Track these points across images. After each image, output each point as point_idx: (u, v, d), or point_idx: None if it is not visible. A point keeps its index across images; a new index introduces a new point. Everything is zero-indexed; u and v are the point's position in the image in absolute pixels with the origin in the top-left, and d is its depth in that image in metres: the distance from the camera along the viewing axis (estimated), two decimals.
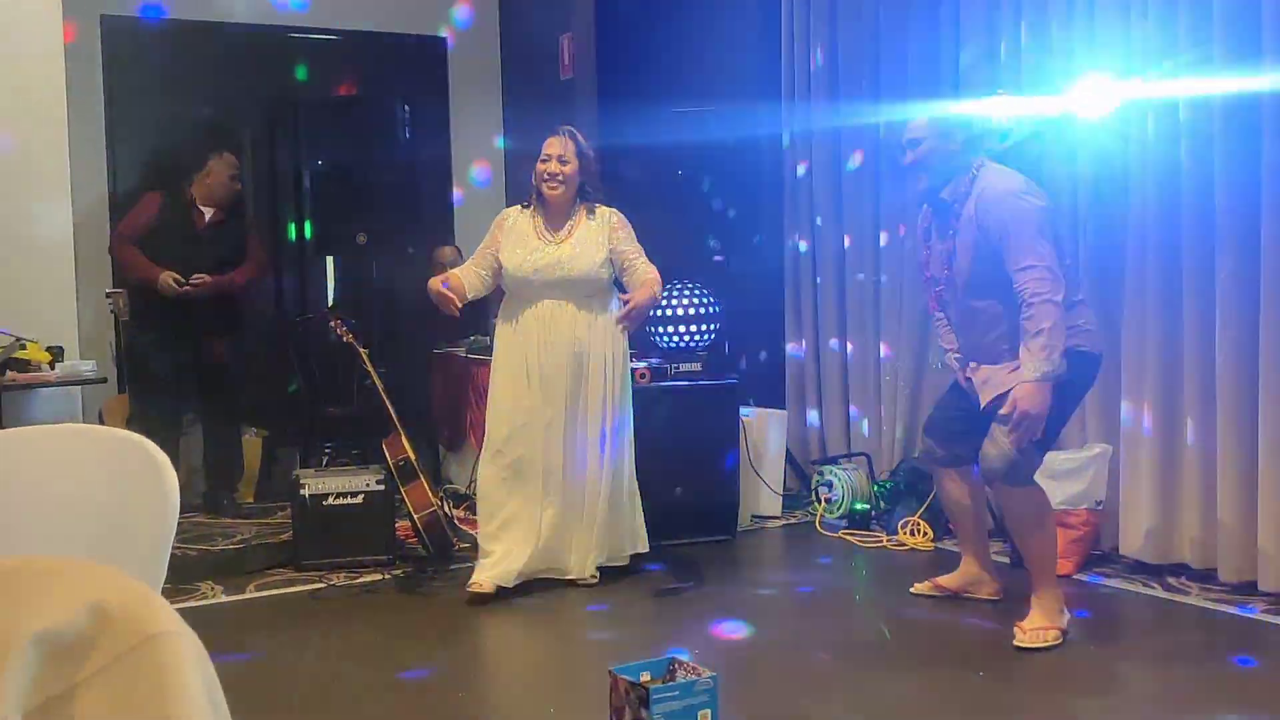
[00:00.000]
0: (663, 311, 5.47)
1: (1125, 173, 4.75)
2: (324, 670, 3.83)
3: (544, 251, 4.56)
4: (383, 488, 5.07)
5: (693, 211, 6.02)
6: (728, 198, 5.95)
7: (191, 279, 5.71)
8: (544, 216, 4.63)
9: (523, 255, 4.56)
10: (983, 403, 4.01)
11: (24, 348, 5.19)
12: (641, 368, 5.28)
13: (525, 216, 4.65)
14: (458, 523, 5.32)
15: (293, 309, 6.92)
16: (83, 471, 2.03)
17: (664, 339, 5.58)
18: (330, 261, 6.96)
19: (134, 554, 1.91)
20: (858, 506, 5.62)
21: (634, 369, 5.28)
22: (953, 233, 3.97)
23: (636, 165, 6.95)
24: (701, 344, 5.57)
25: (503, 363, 4.63)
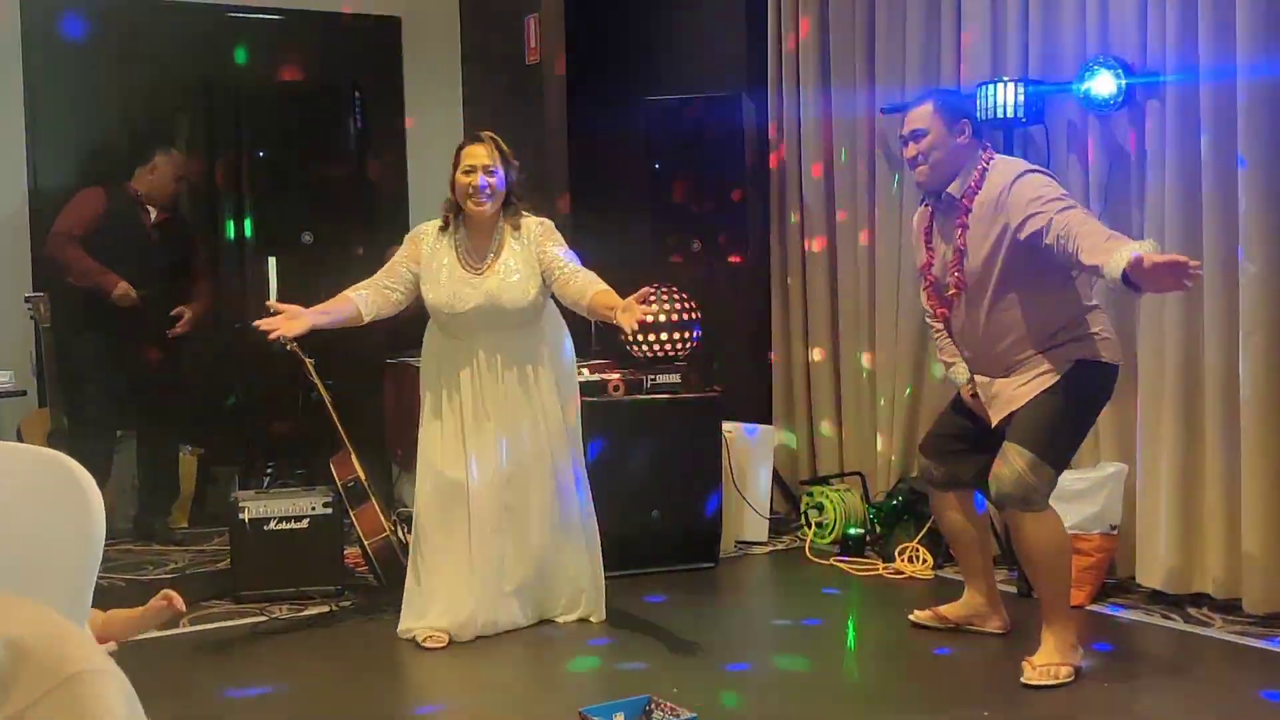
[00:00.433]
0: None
1: (1141, 165, 4.77)
2: (264, 712, 3.78)
3: (472, 285, 4.36)
4: (330, 511, 5.04)
5: (671, 209, 6.01)
6: (709, 193, 5.94)
7: (177, 324, 5.87)
8: (466, 239, 4.43)
9: (450, 290, 4.37)
10: (993, 420, 4.01)
11: None
12: (615, 379, 5.27)
13: (445, 240, 4.44)
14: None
15: (231, 314, 6.86)
16: None
17: (639, 348, 5.57)
18: (272, 262, 6.91)
19: (55, 584, 1.89)
20: (851, 531, 5.62)
21: (607, 381, 5.28)
22: (960, 230, 3.98)
23: (609, 158, 6.96)
24: (681, 353, 5.56)
25: (433, 409, 4.47)
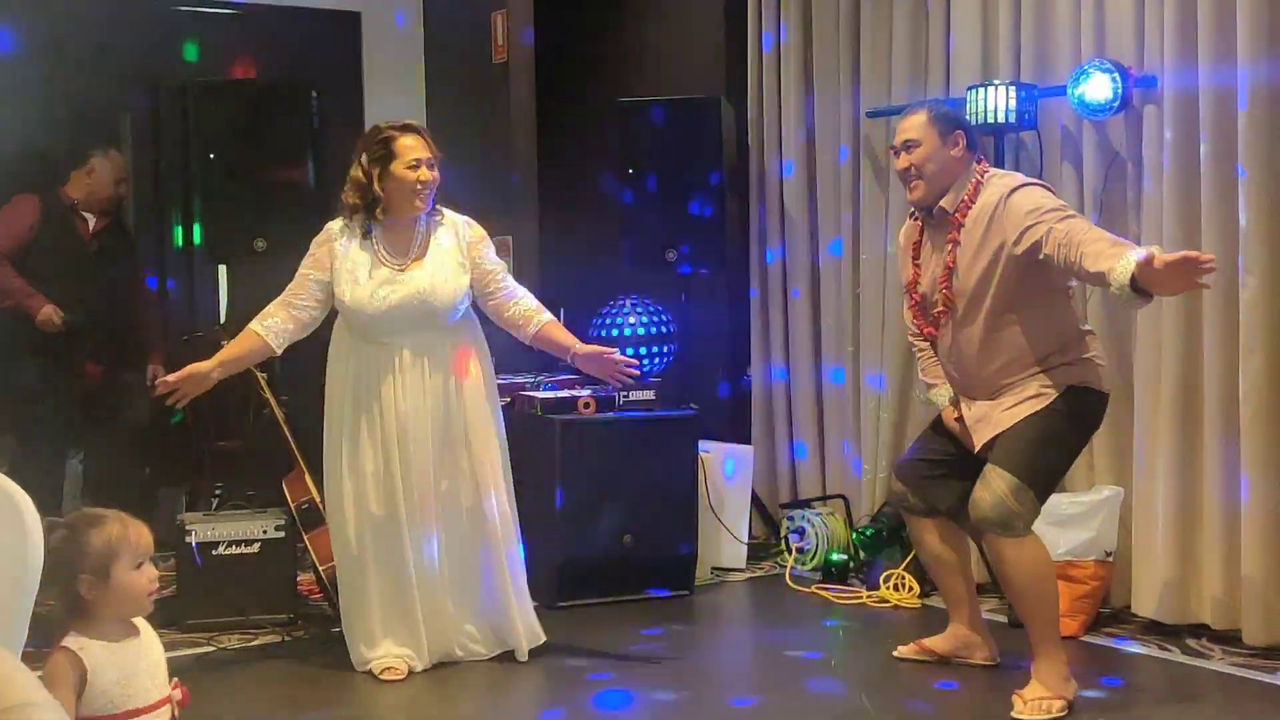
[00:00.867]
0: (610, 332, 5.47)
1: (1137, 173, 4.80)
2: None
3: (398, 281, 4.27)
4: (282, 535, 5.03)
5: (645, 216, 6.02)
6: (684, 201, 5.95)
7: (156, 382, 5.94)
8: (384, 235, 4.33)
9: (370, 288, 4.26)
10: (976, 445, 4.04)
11: None
12: (585, 397, 5.27)
13: (355, 237, 4.33)
14: None
15: (179, 325, 6.84)
16: None
17: (629, 382, 5.57)
18: (223, 271, 6.89)
19: None
20: (834, 557, 5.62)
21: (578, 397, 5.28)
22: (951, 247, 4.01)
23: (579, 162, 6.97)
24: (656, 369, 5.57)
25: (351, 427, 4.36)
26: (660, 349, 5.54)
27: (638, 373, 4.43)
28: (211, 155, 5.80)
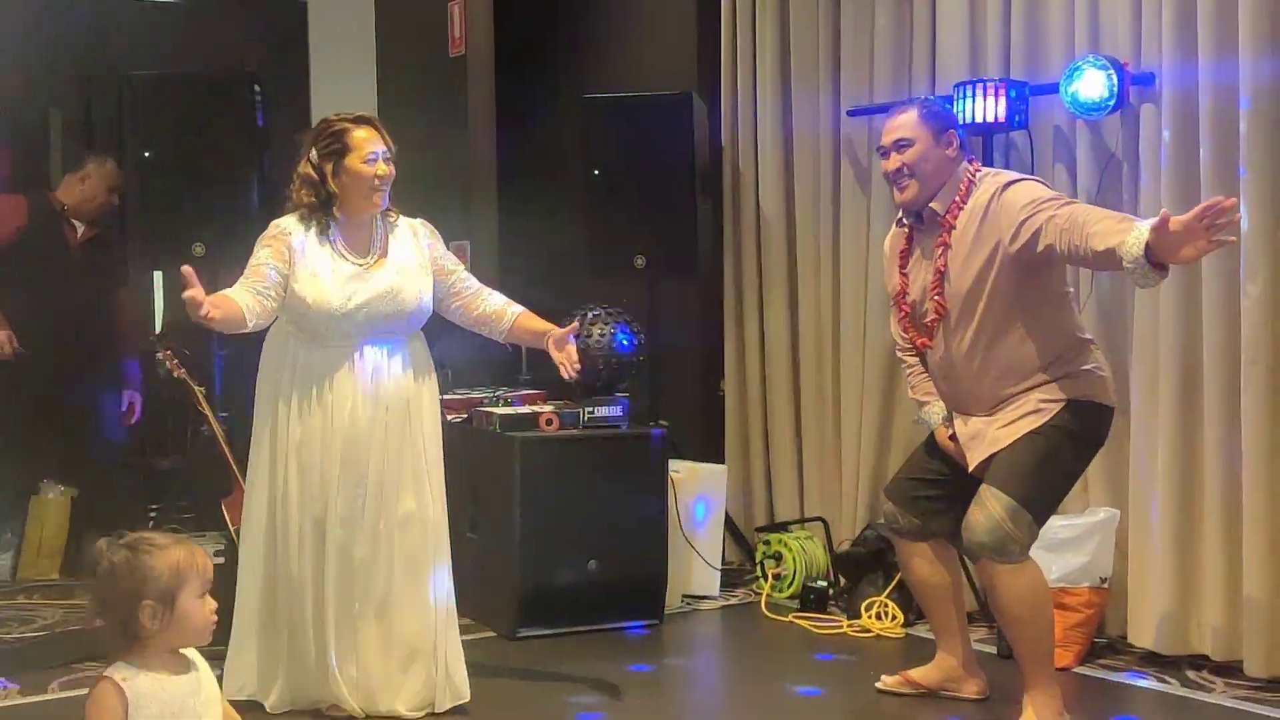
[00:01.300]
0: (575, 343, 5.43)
1: (1134, 174, 4.81)
2: None
3: (363, 279, 4.15)
4: (222, 560, 4.97)
5: (612, 220, 6.01)
6: (655, 203, 5.94)
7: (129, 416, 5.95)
8: (340, 233, 4.22)
9: (335, 285, 4.11)
10: (971, 464, 4.02)
11: None
12: (548, 413, 5.24)
13: (311, 235, 4.19)
14: None
15: (89, 339, 6.78)
16: None
17: (574, 377, 5.54)
18: (158, 277, 6.86)
19: None
20: (812, 584, 5.61)
21: (540, 413, 5.25)
22: (941, 250, 4.00)
23: (541, 162, 6.96)
24: (622, 383, 5.54)
25: (284, 442, 4.17)
26: (628, 361, 5.51)
27: (572, 373, 4.37)
28: (147, 154, 5.76)
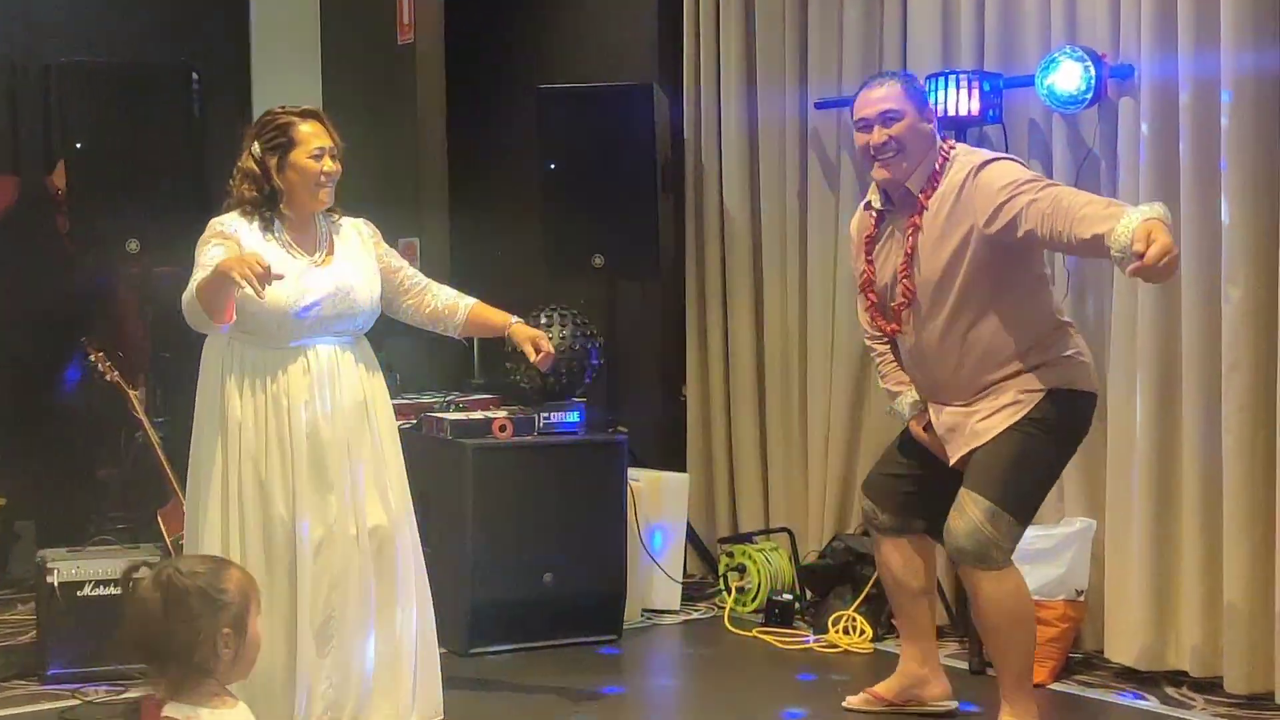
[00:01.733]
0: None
1: (1112, 170, 4.86)
2: None
3: (317, 275, 4.11)
4: None
5: (569, 217, 6.01)
6: (613, 200, 5.95)
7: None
8: (283, 231, 4.17)
9: (287, 282, 3.97)
10: (951, 459, 4.05)
11: None
12: (501, 419, 5.25)
13: (258, 233, 4.14)
14: None
15: (41, 335, 6.76)
16: None
17: (528, 381, 5.56)
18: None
19: None
20: (777, 597, 5.63)
21: (493, 419, 5.26)
22: (912, 232, 4.01)
23: (494, 156, 6.96)
24: (579, 387, 5.56)
25: (241, 445, 4.08)
26: (585, 365, 5.53)
27: (545, 352, 4.38)
28: (79, 145, 5.74)
